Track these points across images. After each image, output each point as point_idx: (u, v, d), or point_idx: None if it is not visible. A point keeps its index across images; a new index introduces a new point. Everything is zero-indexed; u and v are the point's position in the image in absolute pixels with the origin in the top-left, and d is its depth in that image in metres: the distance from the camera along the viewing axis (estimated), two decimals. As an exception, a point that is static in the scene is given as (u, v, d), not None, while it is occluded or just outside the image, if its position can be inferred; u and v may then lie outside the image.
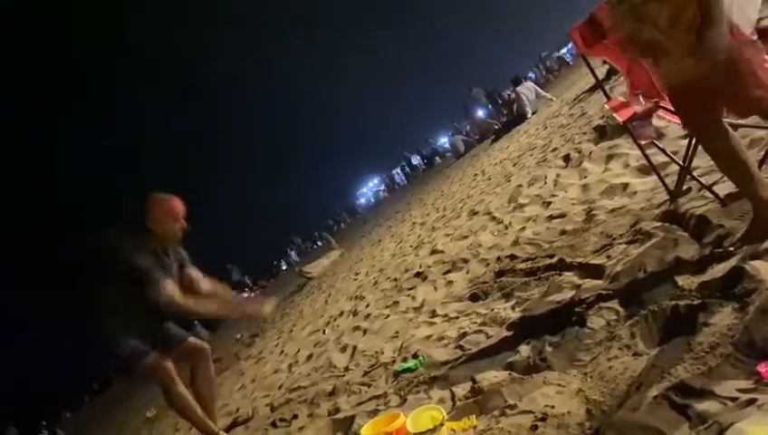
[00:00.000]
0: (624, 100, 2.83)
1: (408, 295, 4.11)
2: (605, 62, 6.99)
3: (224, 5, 38.75)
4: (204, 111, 40.83)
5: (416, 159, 26.61)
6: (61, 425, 19.99)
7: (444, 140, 24.25)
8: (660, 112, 2.48)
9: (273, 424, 3.16)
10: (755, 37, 1.83)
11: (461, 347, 2.53)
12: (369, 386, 2.80)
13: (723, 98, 1.82)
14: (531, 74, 19.08)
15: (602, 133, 4.59)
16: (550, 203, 3.91)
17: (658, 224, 2.45)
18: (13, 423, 18.99)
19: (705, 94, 1.79)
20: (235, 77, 39.23)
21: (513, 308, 2.61)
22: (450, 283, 3.72)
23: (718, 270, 1.77)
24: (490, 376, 2.01)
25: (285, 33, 38.73)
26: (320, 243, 24.99)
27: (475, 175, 8.69)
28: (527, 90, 11.65)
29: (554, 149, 5.48)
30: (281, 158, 43.81)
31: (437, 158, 23.80)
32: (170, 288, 2.86)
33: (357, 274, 7.50)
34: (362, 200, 34.28)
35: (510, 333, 2.35)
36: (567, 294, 2.31)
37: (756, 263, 1.65)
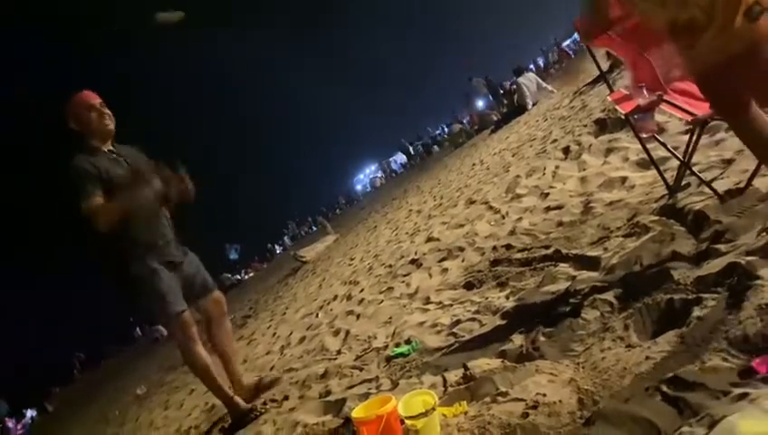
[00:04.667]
0: (627, 92, 2.81)
1: (403, 282, 4.11)
2: (609, 56, 6.94)
3: (227, 6, 38.48)
4: (203, 101, 40.57)
5: (414, 148, 26.49)
6: (50, 400, 20.02)
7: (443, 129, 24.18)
8: (664, 106, 2.46)
9: (264, 404, 3.16)
10: None
11: (454, 334, 2.54)
12: (361, 370, 2.81)
13: (750, 87, 1.76)
14: (531, 65, 18.98)
15: (603, 126, 4.59)
16: (548, 194, 3.91)
17: (656, 218, 2.45)
18: (2, 397, 19.06)
19: (734, 81, 1.73)
20: (238, 66, 38.96)
21: (507, 297, 2.62)
22: (445, 270, 3.72)
23: (714, 265, 1.77)
24: (482, 363, 2.01)
25: (286, 27, 38.53)
26: (315, 227, 24.94)
27: (474, 164, 8.66)
28: (528, 81, 11.58)
29: (554, 141, 5.46)
30: (279, 143, 43.66)
31: (436, 146, 23.71)
32: (94, 200, 2.65)
33: (352, 259, 7.49)
34: (359, 186, 34.21)
35: (503, 322, 2.35)
36: (562, 285, 2.31)
37: (752, 259, 1.66)
